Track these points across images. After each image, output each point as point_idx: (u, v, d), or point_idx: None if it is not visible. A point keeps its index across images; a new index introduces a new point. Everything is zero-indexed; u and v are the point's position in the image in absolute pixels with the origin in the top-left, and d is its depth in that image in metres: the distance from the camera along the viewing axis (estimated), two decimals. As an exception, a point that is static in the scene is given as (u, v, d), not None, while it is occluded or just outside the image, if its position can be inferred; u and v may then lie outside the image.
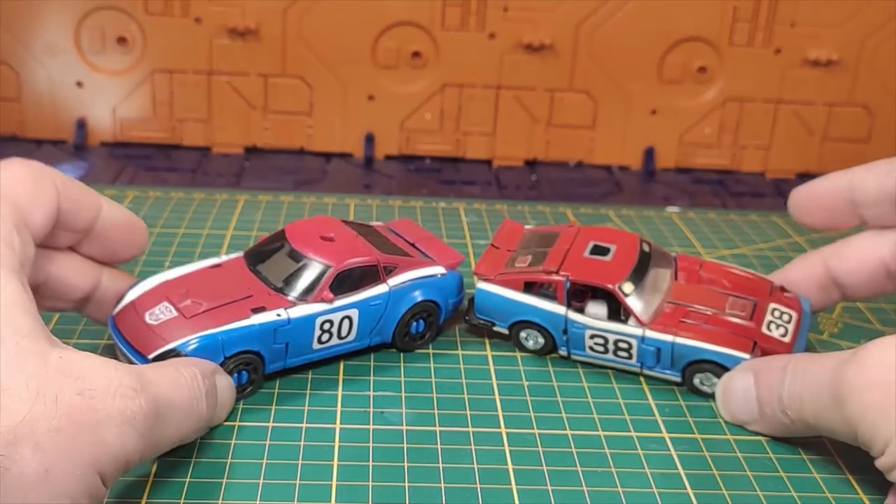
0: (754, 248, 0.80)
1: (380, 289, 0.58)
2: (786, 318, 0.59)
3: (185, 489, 0.48)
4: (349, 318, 0.57)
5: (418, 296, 0.60)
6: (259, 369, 0.55)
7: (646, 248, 0.61)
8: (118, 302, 0.57)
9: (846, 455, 0.53)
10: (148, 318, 0.55)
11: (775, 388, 0.52)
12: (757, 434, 0.55)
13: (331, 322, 0.56)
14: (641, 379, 0.59)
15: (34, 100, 0.94)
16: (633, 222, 0.83)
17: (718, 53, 0.95)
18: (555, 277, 0.58)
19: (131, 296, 0.56)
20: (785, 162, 0.99)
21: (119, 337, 0.55)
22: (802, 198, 0.59)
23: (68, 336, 0.60)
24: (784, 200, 0.93)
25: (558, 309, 0.58)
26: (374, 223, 0.65)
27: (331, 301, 0.56)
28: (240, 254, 0.60)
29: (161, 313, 0.55)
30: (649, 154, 0.98)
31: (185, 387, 0.47)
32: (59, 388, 0.39)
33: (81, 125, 0.95)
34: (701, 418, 0.56)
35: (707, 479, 0.51)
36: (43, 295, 0.55)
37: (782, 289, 0.61)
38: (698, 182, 0.97)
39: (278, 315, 0.55)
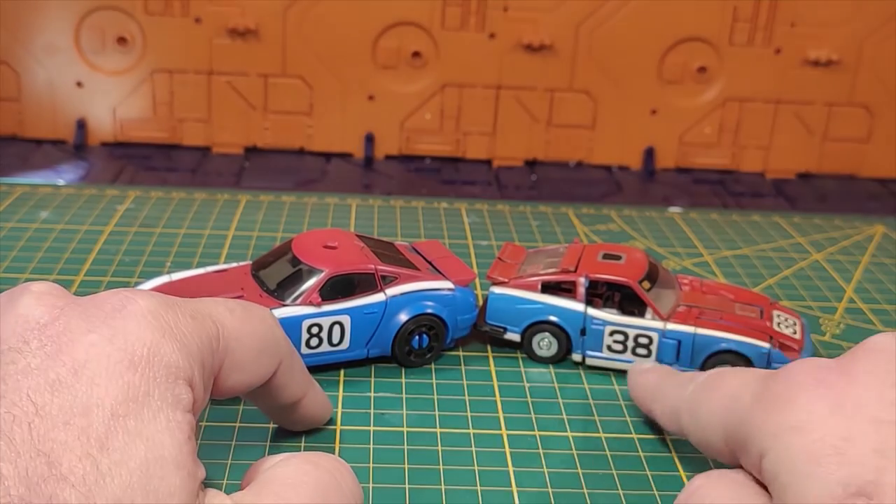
0: (756, 249, 0.79)
1: (375, 297, 0.57)
2: (791, 321, 0.61)
3: (187, 491, 0.48)
4: (340, 324, 0.57)
5: (419, 308, 0.59)
6: None
7: (653, 261, 0.62)
8: None
9: (847, 456, 0.53)
10: None
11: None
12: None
13: (319, 326, 0.56)
14: (642, 380, 0.59)
15: (34, 100, 0.94)
16: (634, 222, 0.83)
17: (718, 53, 0.95)
18: (573, 276, 0.59)
19: None
20: (785, 162, 0.99)
21: None
22: (630, 380, 0.56)
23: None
24: (784, 201, 0.94)
25: (577, 307, 0.59)
26: (399, 242, 0.65)
27: (318, 305, 0.56)
28: (249, 262, 0.61)
29: None
30: (649, 154, 0.98)
31: None
32: None
33: (81, 125, 0.95)
34: (702, 420, 0.56)
35: (708, 480, 0.51)
36: None
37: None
38: (698, 182, 0.97)
39: None
